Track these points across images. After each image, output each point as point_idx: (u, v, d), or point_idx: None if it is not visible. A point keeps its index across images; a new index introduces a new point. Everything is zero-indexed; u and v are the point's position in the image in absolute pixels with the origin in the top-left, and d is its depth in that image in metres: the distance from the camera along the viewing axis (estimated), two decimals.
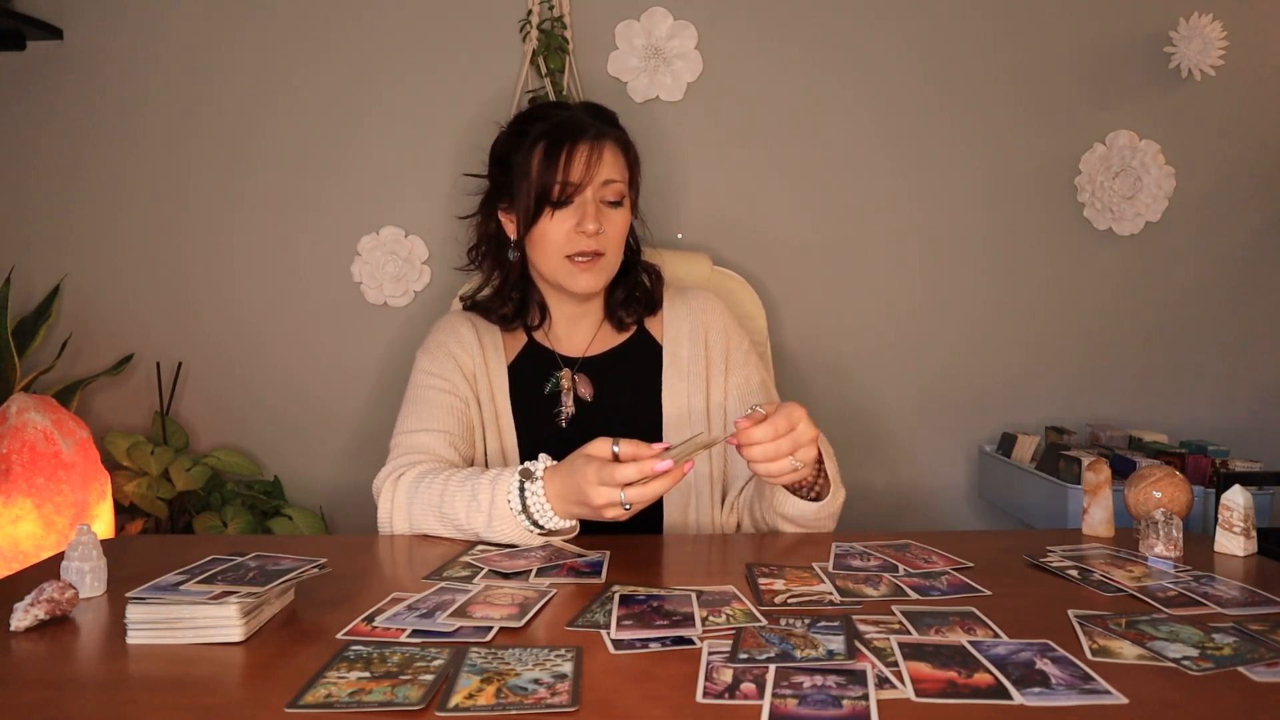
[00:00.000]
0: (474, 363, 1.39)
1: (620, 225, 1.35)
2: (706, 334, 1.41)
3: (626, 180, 1.35)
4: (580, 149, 1.30)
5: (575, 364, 1.40)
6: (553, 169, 1.29)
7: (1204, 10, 1.84)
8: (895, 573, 1.03)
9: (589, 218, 1.29)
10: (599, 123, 1.34)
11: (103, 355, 1.93)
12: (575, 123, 1.32)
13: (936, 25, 1.89)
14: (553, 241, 1.32)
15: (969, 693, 0.72)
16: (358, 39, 1.88)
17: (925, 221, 1.92)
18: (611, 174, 1.32)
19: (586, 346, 1.42)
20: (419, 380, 1.37)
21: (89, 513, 1.64)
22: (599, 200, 1.31)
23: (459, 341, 1.40)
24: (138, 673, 0.79)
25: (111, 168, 1.91)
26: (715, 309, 1.44)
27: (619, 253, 1.36)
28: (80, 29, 1.88)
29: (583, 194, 1.30)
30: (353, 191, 1.91)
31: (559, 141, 1.30)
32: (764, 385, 1.43)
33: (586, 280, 1.33)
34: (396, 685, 0.73)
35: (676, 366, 1.40)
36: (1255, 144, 1.91)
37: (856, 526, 1.92)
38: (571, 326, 1.43)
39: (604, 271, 1.34)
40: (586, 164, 1.29)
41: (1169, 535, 1.10)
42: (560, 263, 1.32)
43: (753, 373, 1.42)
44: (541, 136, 1.31)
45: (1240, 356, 1.94)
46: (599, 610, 0.90)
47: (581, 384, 1.39)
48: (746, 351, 1.44)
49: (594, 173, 1.30)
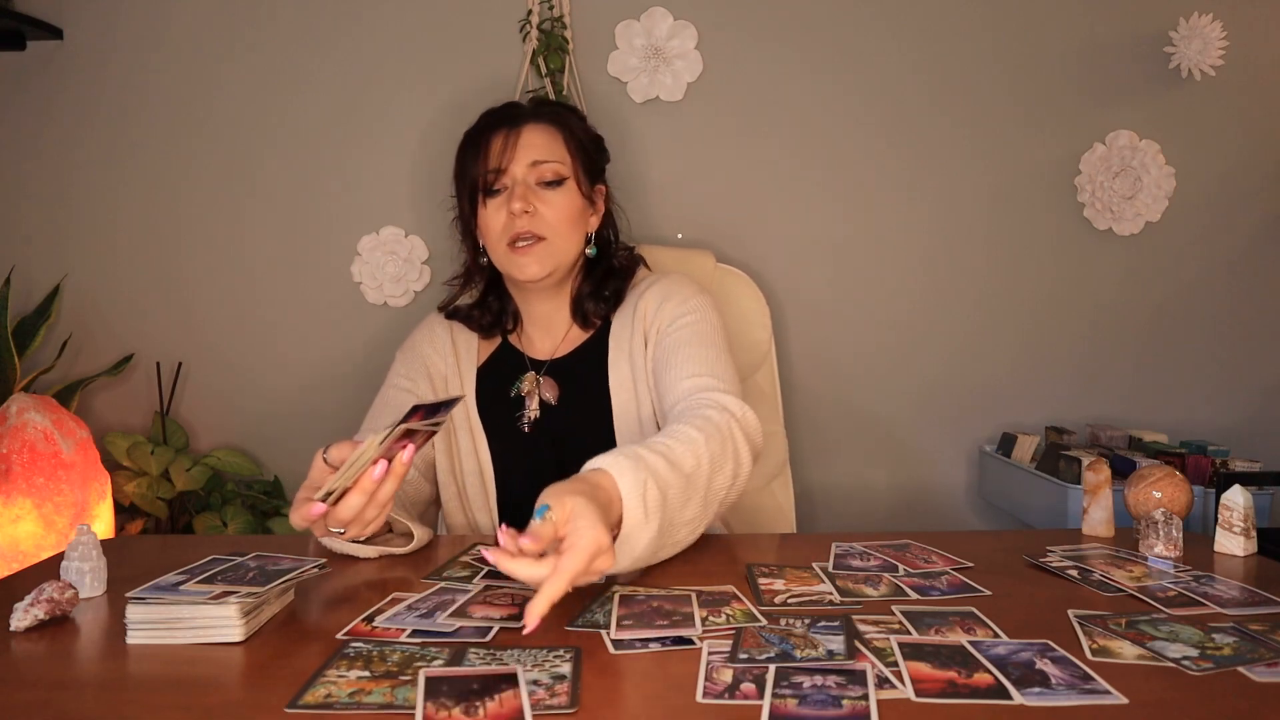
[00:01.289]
0: (445, 365, 1.41)
1: (560, 206, 1.32)
2: (645, 310, 1.35)
3: (565, 160, 1.34)
4: (498, 135, 1.33)
5: (542, 366, 1.40)
6: (475, 159, 1.33)
7: (1204, 10, 1.84)
8: (895, 573, 1.03)
9: (516, 197, 1.30)
10: (527, 110, 1.37)
11: (103, 355, 1.93)
12: (496, 114, 1.37)
13: (936, 25, 1.89)
14: (492, 231, 1.33)
15: (969, 693, 0.72)
16: (358, 39, 1.88)
17: (925, 221, 1.92)
18: (539, 155, 1.32)
19: (555, 348, 1.41)
20: (388, 380, 1.41)
21: (89, 513, 1.64)
22: (531, 182, 1.32)
23: (432, 344, 1.43)
24: (138, 673, 0.79)
25: (112, 168, 1.91)
26: (659, 283, 1.37)
27: (568, 237, 1.33)
28: (80, 29, 1.88)
29: (509, 176, 1.32)
30: (353, 191, 1.91)
31: (478, 133, 1.35)
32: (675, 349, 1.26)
33: (527, 264, 1.31)
34: (396, 685, 0.73)
35: (618, 356, 1.36)
36: (1255, 144, 1.91)
37: (856, 526, 1.93)
38: (541, 328, 1.42)
39: (548, 256, 1.32)
40: (504, 147, 1.31)
41: (1169, 535, 1.10)
42: (504, 252, 1.33)
43: (666, 344, 1.28)
44: (468, 136, 1.37)
45: (1241, 356, 1.94)
46: (599, 610, 0.90)
47: (546, 387, 1.38)
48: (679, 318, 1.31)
49: (512, 154, 1.31)
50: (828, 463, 1.94)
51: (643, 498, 0.93)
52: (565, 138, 1.35)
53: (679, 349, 1.27)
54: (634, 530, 0.93)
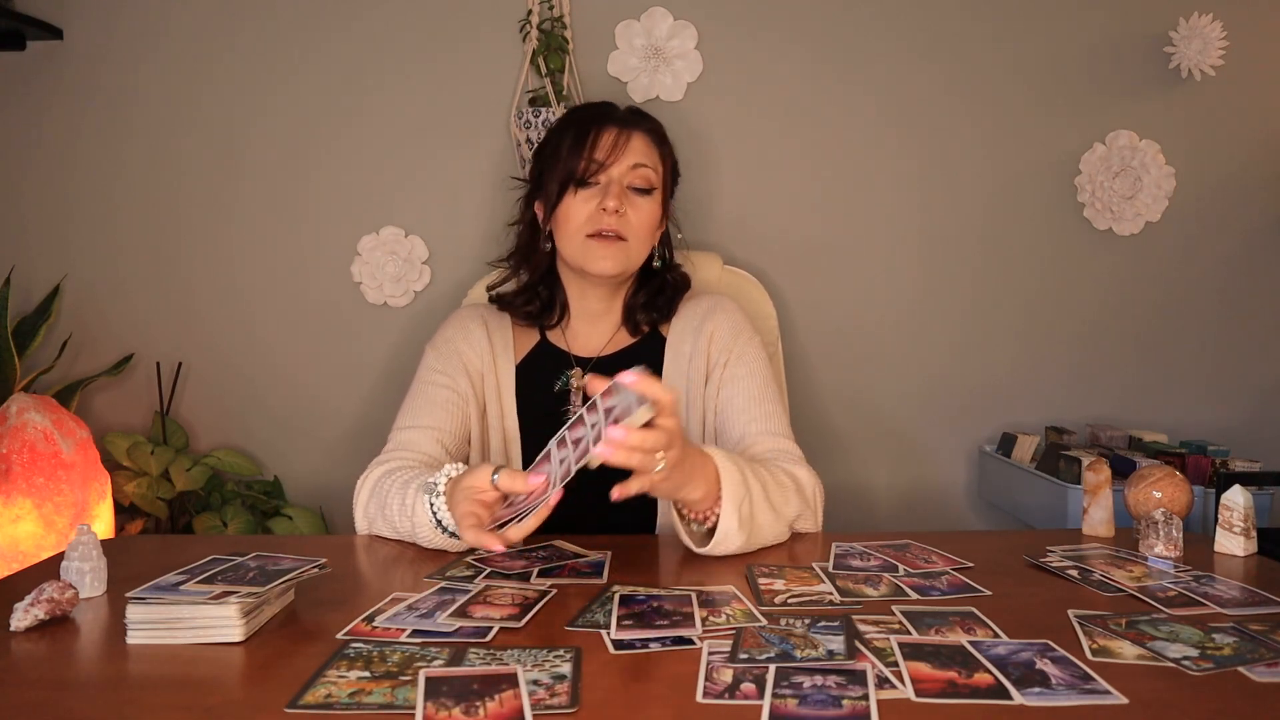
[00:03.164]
0: (481, 361, 1.39)
1: (646, 214, 1.34)
2: (713, 331, 1.39)
3: (659, 171, 1.36)
4: (608, 131, 1.33)
5: (588, 364, 1.40)
6: (579, 149, 1.33)
7: (1204, 10, 1.84)
8: (895, 573, 1.03)
9: (611, 195, 1.30)
10: (634, 115, 1.38)
11: (103, 355, 1.93)
12: (607, 111, 1.38)
13: (937, 25, 1.89)
14: (574, 220, 1.33)
15: (969, 693, 0.72)
16: (358, 39, 1.88)
17: (925, 221, 1.92)
18: (641, 159, 1.34)
19: (601, 347, 1.41)
20: (421, 375, 1.38)
21: (89, 513, 1.64)
22: (626, 185, 1.33)
23: (468, 339, 1.40)
24: (138, 673, 0.79)
25: (112, 168, 1.91)
26: (726, 308, 1.42)
27: (644, 243, 1.36)
28: (80, 29, 1.88)
29: (607, 173, 1.32)
30: (353, 191, 1.91)
31: (587, 124, 1.34)
32: (755, 401, 1.34)
33: (605, 260, 1.32)
34: (396, 686, 0.73)
35: (677, 363, 1.39)
36: (1255, 144, 1.91)
37: (857, 526, 1.93)
38: (589, 326, 1.42)
39: (625, 256, 1.33)
40: (613, 145, 1.32)
41: (1169, 535, 1.10)
42: (581, 242, 1.32)
43: (743, 388, 1.35)
44: (572, 124, 1.36)
45: (1240, 356, 1.94)
46: (599, 610, 0.90)
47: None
48: (751, 362, 1.37)
49: (619, 154, 1.32)
50: (828, 463, 1.94)
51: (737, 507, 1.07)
52: (662, 152, 1.38)
53: (758, 392, 1.35)
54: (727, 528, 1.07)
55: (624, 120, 1.36)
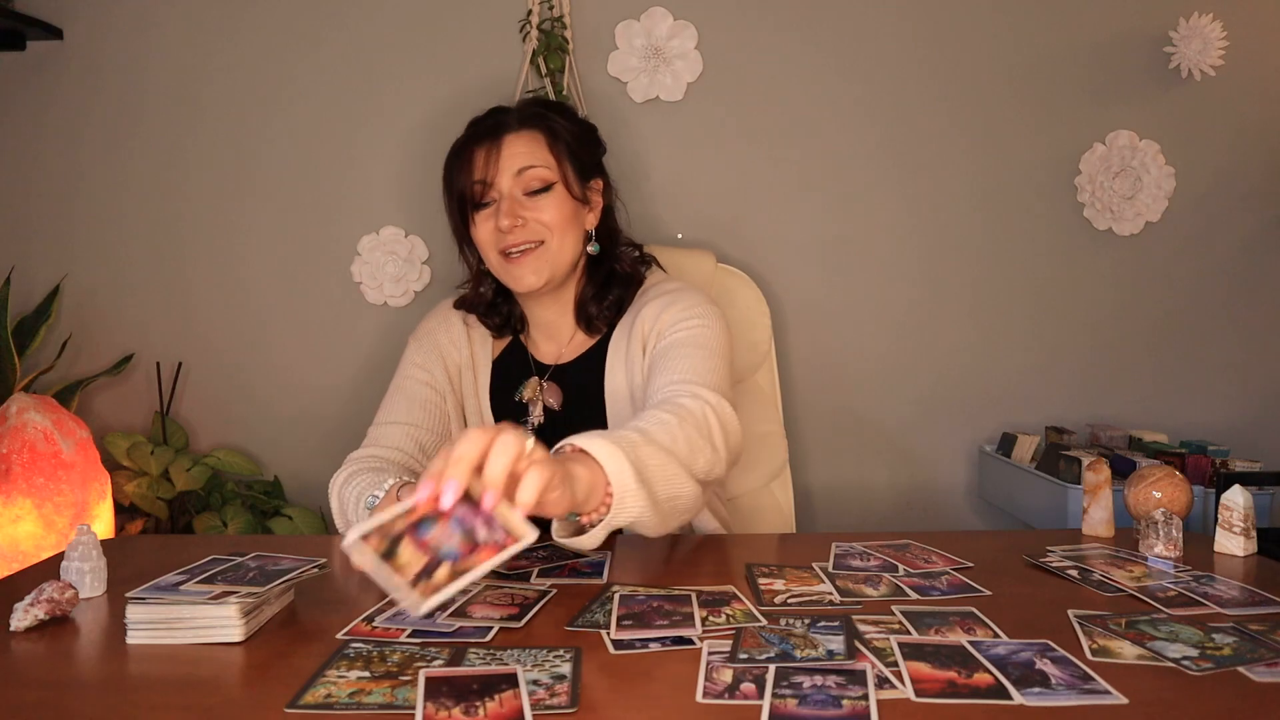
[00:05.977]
0: (460, 355, 1.40)
1: (553, 210, 1.30)
2: (645, 319, 1.31)
3: (550, 165, 1.31)
4: (480, 147, 1.32)
5: (547, 371, 1.39)
6: (462, 174, 1.32)
7: (1204, 10, 1.84)
8: (895, 573, 1.03)
9: (503, 213, 1.29)
10: (510, 117, 1.34)
11: (103, 355, 1.93)
12: (480, 125, 1.35)
13: (937, 25, 1.89)
14: (484, 243, 1.33)
15: (969, 693, 0.72)
16: (358, 39, 1.88)
17: (925, 221, 1.92)
18: (525, 162, 1.30)
19: (560, 353, 1.40)
20: (402, 369, 1.40)
21: (89, 513, 1.64)
22: (518, 193, 1.30)
23: (448, 333, 1.42)
24: (138, 673, 0.79)
25: (112, 167, 1.91)
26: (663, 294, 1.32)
27: (566, 236, 1.31)
28: (80, 29, 1.88)
29: (496, 188, 1.31)
30: (353, 191, 1.91)
31: (462, 146, 1.34)
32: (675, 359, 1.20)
33: (526, 275, 1.30)
34: (396, 686, 0.73)
35: (615, 364, 1.33)
36: (1255, 144, 1.90)
37: (856, 526, 1.93)
38: (545, 334, 1.41)
39: (546, 262, 1.30)
40: (486, 160, 1.30)
41: (1169, 535, 1.10)
42: (499, 262, 1.32)
43: (663, 354, 1.23)
44: (456, 149, 1.36)
45: (1241, 356, 1.94)
46: (599, 610, 0.90)
47: (550, 392, 1.37)
48: (679, 331, 1.25)
49: (497, 167, 1.30)
50: (828, 463, 1.94)
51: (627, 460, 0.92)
52: (549, 141, 1.32)
53: (674, 350, 1.23)
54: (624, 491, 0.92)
55: (495, 129, 1.32)
